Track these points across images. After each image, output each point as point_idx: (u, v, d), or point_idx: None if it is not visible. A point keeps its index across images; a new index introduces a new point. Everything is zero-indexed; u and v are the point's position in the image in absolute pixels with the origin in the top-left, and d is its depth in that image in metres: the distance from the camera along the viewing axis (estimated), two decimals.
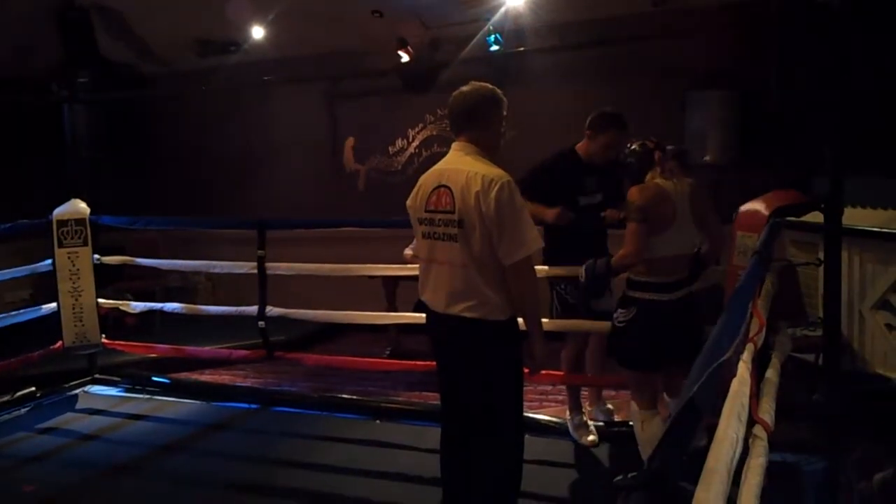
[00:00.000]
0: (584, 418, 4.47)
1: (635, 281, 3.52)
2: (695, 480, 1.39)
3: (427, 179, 3.06)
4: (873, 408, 4.22)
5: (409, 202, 3.13)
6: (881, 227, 4.44)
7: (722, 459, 1.50)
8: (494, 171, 2.89)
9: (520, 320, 3.05)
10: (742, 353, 2.27)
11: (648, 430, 3.54)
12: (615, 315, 3.61)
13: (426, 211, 3.01)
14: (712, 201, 3.76)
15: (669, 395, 3.79)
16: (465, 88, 3.06)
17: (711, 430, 1.61)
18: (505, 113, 3.07)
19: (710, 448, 1.57)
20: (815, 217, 4.09)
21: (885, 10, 4.60)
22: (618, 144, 3.99)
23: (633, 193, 3.46)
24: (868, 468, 3.73)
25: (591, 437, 4.36)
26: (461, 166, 2.94)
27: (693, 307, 3.59)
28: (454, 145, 3.06)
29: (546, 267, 4.20)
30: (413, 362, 5.07)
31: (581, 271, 3.65)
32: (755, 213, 3.87)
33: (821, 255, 3.97)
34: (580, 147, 4.30)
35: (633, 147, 3.60)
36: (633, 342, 3.54)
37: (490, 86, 3.06)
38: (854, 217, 4.35)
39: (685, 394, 1.43)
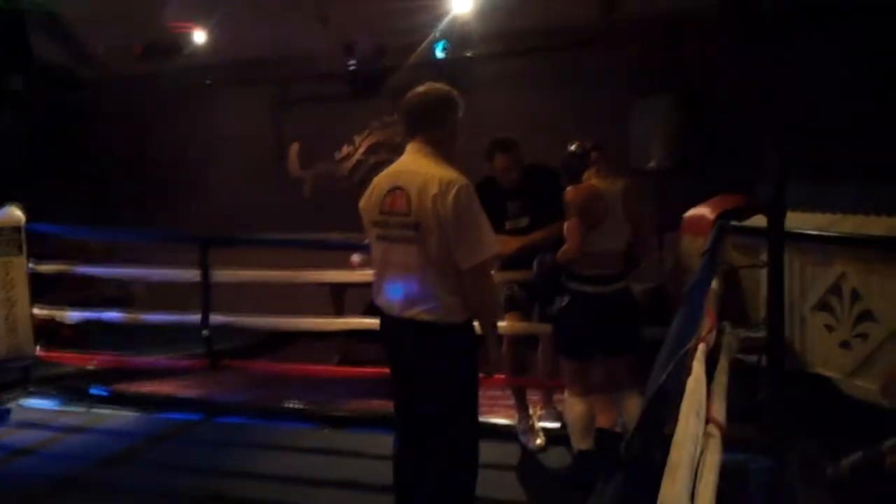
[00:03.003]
0: (532, 422, 4.49)
1: (570, 273, 3.74)
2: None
3: (381, 181, 3.01)
4: (814, 407, 4.33)
5: (361, 204, 3.08)
6: (821, 231, 4.55)
7: (685, 455, 1.51)
8: (451, 174, 2.86)
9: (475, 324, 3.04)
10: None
11: (573, 411, 3.80)
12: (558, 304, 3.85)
13: (380, 213, 2.96)
14: (642, 202, 3.98)
15: (608, 388, 3.91)
16: (420, 89, 3.03)
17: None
18: (461, 115, 3.05)
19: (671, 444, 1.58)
20: (756, 221, 4.20)
21: (825, 16, 4.74)
22: (510, 165, 4.19)
23: (570, 193, 3.71)
24: (810, 466, 3.82)
25: (538, 441, 4.38)
26: (417, 168, 2.91)
27: (627, 303, 3.80)
28: (409, 146, 3.02)
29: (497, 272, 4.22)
30: (362, 369, 5.02)
31: (534, 266, 3.86)
32: (701, 217, 3.95)
33: (763, 258, 4.07)
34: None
35: (571, 149, 3.82)
36: (566, 330, 3.83)
37: (446, 87, 3.05)
38: (794, 220, 4.45)
39: (654, 382, 1.45)
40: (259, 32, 7.05)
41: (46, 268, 5.55)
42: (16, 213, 5.39)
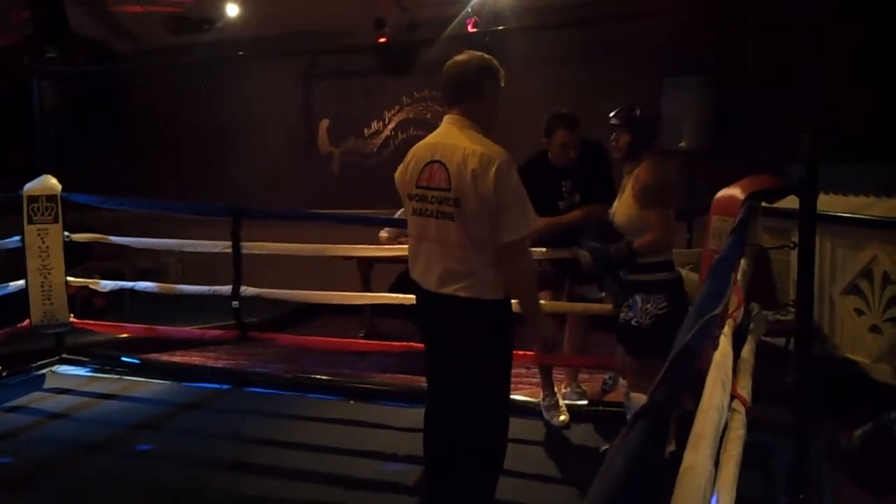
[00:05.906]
0: (556, 399, 4.50)
1: (661, 262, 3.38)
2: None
3: (418, 153, 2.94)
4: (842, 391, 4.29)
5: (397, 176, 3.03)
6: (852, 213, 4.49)
7: (709, 425, 1.51)
8: (492, 149, 2.79)
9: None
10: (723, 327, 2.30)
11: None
12: (644, 307, 3.38)
13: (417, 187, 2.89)
14: None
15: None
16: (459, 57, 2.93)
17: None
18: (502, 84, 2.95)
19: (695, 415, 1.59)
20: (788, 203, 4.14)
21: None
22: (571, 143, 4.05)
23: (654, 174, 3.31)
24: (836, 450, 3.81)
25: (562, 418, 4.39)
26: (456, 141, 2.82)
27: None
28: (446, 118, 2.95)
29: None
30: (387, 343, 5.05)
31: (582, 255, 3.49)
32: (731, 197, 3.90)
33: (795, 240, 4.02)
34: (549, 153, 4.22)
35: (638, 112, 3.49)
36: (672, 328, 3.47)
37: (487, 55, 2.96)
38: (826, 203, 4.39)
39: (679, 341, 1.45)
40: (289, 6, 7.05)
41: (81, 236, 5.63)
42: (51, 182, 5.48)
